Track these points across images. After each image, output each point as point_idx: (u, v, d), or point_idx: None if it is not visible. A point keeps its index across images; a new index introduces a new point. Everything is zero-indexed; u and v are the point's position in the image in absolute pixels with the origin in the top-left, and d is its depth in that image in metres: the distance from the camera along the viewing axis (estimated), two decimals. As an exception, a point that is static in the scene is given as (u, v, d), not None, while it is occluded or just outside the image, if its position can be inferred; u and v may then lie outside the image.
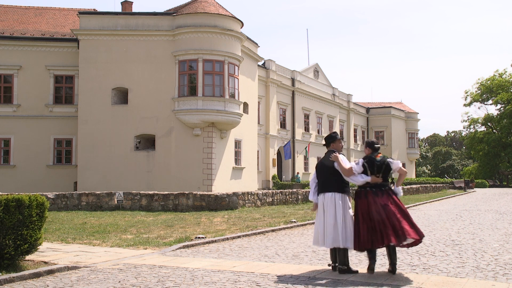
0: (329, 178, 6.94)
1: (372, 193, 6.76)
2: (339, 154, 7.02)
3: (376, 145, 7.03)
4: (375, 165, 6.83)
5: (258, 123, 35.50)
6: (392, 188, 6.92)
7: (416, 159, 67.09)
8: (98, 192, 19.05)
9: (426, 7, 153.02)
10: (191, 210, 17.97)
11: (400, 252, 8.74)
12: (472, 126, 69.41)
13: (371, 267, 6.70)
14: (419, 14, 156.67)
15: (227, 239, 10.70)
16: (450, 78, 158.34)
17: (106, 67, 26.45)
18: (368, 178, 6.79)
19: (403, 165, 60.89)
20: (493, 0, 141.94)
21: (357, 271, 6.81)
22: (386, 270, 6.98)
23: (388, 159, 6.92)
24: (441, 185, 42.32)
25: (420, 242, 6.78)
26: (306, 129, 44.64)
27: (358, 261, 7.88)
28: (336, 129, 50.05)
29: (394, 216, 6.57)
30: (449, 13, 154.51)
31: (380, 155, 6.94)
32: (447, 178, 66.00)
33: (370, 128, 59.32)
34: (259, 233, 11.67)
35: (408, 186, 33.84)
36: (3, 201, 6.88)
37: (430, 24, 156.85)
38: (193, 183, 25.46)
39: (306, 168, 43.75)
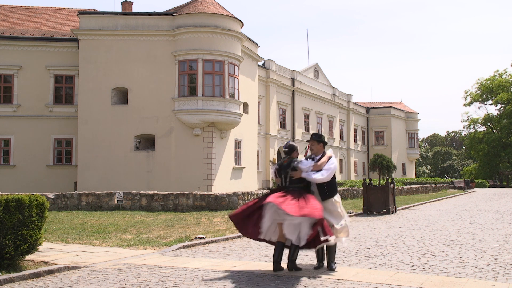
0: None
1: (275, 191, 7.20)
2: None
3: (284, 149, 7.38)
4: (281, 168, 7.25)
5: (258, 123, 35.50)
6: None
7: (416, 159, 67.07)
8: (98, 192, 19.05)
9: (426, 7, 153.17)
10: (191, 210, 17.97)
11: (400, 252, 8.74)
12: (472, 126, 69.44)
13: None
14: (419, 14, 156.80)
15: (227, 239, 10.71)
16: (450, 78, 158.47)
17: (106, 67, 26.44)
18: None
19: (403, 165, 60.71)
20: (492, 0, 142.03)
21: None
22: (387, 270, 6.98)
23: (294, 164, 7.08)
24: (441, 185, 42.30)
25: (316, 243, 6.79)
26: (306, 129, 44.63)
27: (358, 261, 7.87)
28: (336, 129, 50.05)
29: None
30: (449, 13, 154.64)
31: (286, 160, 7.21)
32: (447, 178, 66.00)
33: (370, 128, 59.29)
34: (259, 233, 11.65)
35: (408, 186, 33.84)
36: (3, 201, 6.88)
37: (430, 24, 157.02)
38: (193, 183, 25.46)
39: (306, 168, 43.66)
